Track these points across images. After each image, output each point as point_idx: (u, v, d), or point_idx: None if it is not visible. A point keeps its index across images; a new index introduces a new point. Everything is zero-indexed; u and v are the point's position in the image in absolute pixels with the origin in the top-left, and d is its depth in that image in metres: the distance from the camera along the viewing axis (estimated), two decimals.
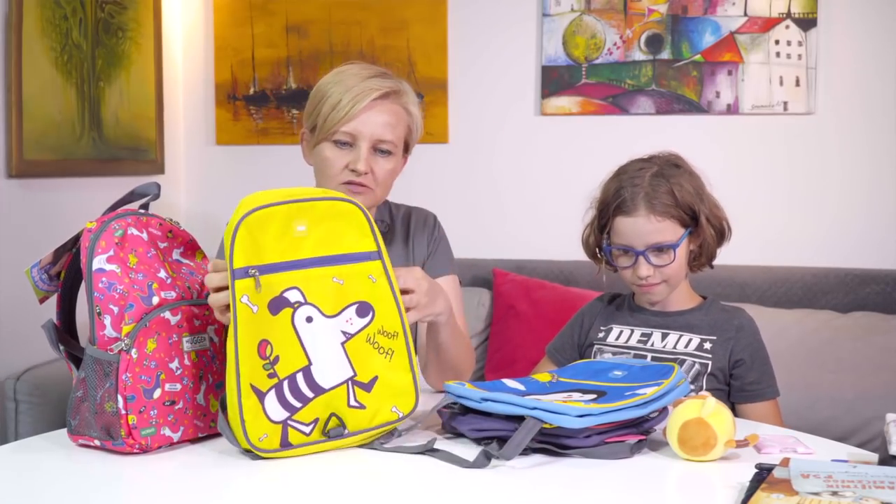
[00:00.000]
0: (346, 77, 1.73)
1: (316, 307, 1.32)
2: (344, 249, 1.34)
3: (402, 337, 1.36)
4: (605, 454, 1.28)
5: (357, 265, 1.35)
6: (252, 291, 1.28)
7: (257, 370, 1.29)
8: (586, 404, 1.29)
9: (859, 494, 1.05)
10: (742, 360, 1.71)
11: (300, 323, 1.31)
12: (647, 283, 1.71)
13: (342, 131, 1.70)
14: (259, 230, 1.30)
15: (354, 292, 1.34)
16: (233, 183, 3.13)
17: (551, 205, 2.92)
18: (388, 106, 1.72)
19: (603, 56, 2.90)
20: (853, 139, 2.79)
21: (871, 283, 2.65)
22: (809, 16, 2.77)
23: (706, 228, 1.71)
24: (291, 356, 1.30)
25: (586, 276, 2.74)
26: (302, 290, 1.31)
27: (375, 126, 1.70)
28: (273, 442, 1.30)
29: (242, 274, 1.29)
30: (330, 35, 3.09)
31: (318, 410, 1.31)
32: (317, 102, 1.75)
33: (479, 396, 1.34)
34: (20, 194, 2.43)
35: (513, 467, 1.25)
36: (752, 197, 2.83)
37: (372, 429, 1.35)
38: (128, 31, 2.83)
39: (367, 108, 1.69)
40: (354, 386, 1.33)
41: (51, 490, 1.20)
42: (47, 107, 2.49)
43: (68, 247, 1.41)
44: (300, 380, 1.30)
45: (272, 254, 1.30)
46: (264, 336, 1.29)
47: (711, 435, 1.26)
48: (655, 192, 1.68)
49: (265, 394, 1.29)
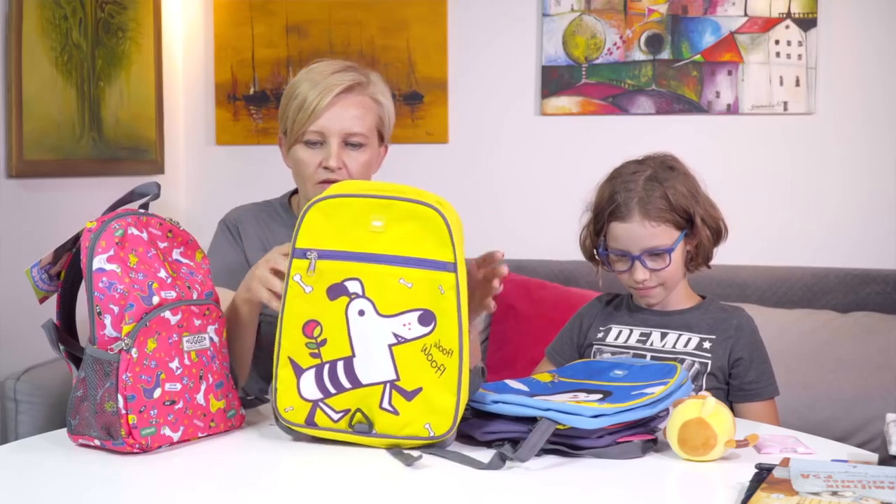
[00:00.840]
0: (311, 76, 1.74)
1: (371, 303, 1.32)
2: (420, 254, 1.31)
3: (456, 356, 1.30)
4: (617, 454, 1.28)
5: (429, 272, 1.31)
6: (304, 272, 1.33)
7: (299, 346, 1.33)
8: (599, 404, 1.29)
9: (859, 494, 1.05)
10: (741, 359, 1.71)
11: (352, 314, 1.32)
12: (644, 287, 1.71)
13: (311, 131, 1.71)
14: (333, 216, 1.33)
15: (420, 299, 1.31)
16: (233, 183, 3.13)
17: (551, 205, 2.92)
18: (354, 98, 1.73)
19: (603, 56, 2.90)
20: (853, 139, 2.79)
21: (871, 283, 2.65)
22: (809, 16, 2.77)
23: (702, 230, 1.71)
24: (338, 343, 1.32)
25: (586, 276, 2.74)
26: (363, 283, 1.32)
27: (342, 120, 1.71)
28: (298, 416, 1.33)
29: (301, 254, 1.34)
30: (330, 35, 3.09)
31: (351, 402, 1.32)
32: (285, 105, 1.76)
33: (490, 398, 1.33)
34: (20, 194, 2.43)
35: (527, 468, 1.25)
36: (752, 197, 2.83)
37: (399, 437, 1.32)
38: (128, 31, 2.83)
39: (331, 103, 1.70)
40: (393, 389, 1.32)
41: (51, 490, 1.20)
42: (47, 107, 2.49)
43: (68, 247, 1.41)
44: (340, 368, 1.33)
45: (340, 241, 1.33)
46: (314, 317, 1.32)
47: (711, 435, 1.26)
48: (649, 196, 1.68)
49: (304, 370, 1.33)
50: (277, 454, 1.35)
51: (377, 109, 1.76)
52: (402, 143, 3.06)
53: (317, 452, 1.35)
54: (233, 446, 1.39)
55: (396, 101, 3.03)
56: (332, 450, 1.35)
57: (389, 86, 1.85)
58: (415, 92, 3.04)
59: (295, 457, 1.34)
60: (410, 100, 3.04)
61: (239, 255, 1.81)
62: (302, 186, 1.82)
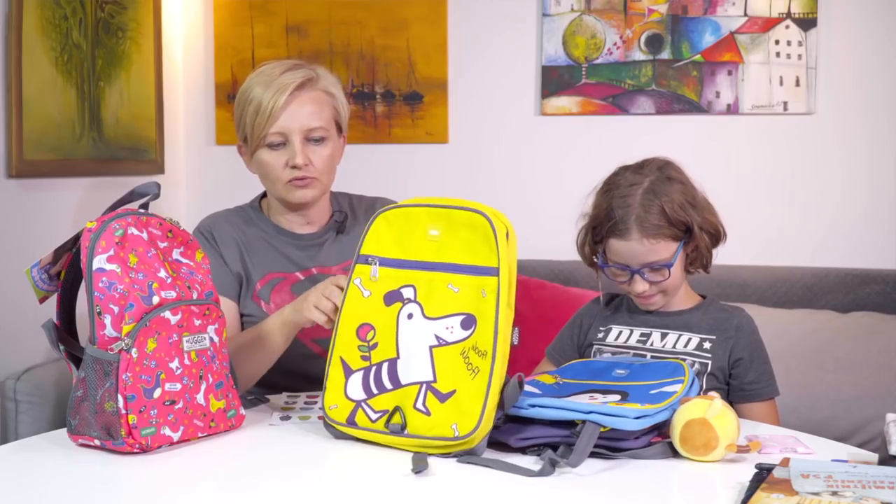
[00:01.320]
0: (260, 79, 1.76)
1: (420, 306, 1.36)
2: (468, 261, 1.35)
3: (489, 357, 1.31)
4: (653, 454, 1.29)
5: (475, 278, 1.34)
6: (366, 277, 1.40)
7: (351, 348, 1.38)
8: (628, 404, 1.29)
9: (859, 494, 1.05)
10: (741, 359, 1.71)
11: (402, 318, 1.37)
12: (644, 297, 1.72)
13: (272, 133, 1.74)
14: (397, 226, 1.39)
15: (465, 303, 1.34)
16: (233, 183, 3.11)
17: (551, 205, 2.92)
18: (308, 94, 1.75)
19: (603, 56, 2.90)
20: (853, 139, 2.79)
21: (871, 283, 2.65)
22: (809, 16, 2.77)
23: (699, 236, 1.70)
24: (387, 346, 1.37)
25: (586, 276, 2.74)
26: (416, 289, 1.37)
27: (301, 117, 1.73)
28: (341, 415, 1.37)
29: (364, 260, 1.42)
30: (330, 35, 3.09)
31: (390, 403, 1.35)
32: (241, 112, 1.78)
33: (527, 402, 1.32)
34: (20, 194, 2.43)
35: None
36: (752, 197, 2.83)
37: (428, 437, 1.31)
38: (128, 31, 2.83)
39: (287, 102, 1.73)
40: (428, 391, 1.33)
41: (51, 490, 1.20)
42: (47, 107, 2.49)
43: (68, 247, 1.41)
44: (385, 370, 1.36)
45: (400, 250, 1.39)
46: (369, 321, 1.38)
47: (713, 437, 1.26)
48: (647, 213, 1.66)
49: (353, 372, 1.37)
50: (278, 454, 1.35)
51: (331, 102, 1.79)
52: (402, 143, 3.06)
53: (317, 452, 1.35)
54: (233, 446, 1.39)
55: (396, 101, 3.04)
56: (332, 449, 1.35)
57: (339, 78, 1.89)
58: (415, 92, 3.04)
59: (296, 457, 1.34)
60: (410, 100, 3.04)
61: (216, 258, 1.81)
62: (271, 189, 1.83)
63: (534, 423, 1.31)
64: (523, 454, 1.30)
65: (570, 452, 1.24)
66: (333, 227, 1.88)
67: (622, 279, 1.72)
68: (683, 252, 1.71)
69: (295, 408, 1.57)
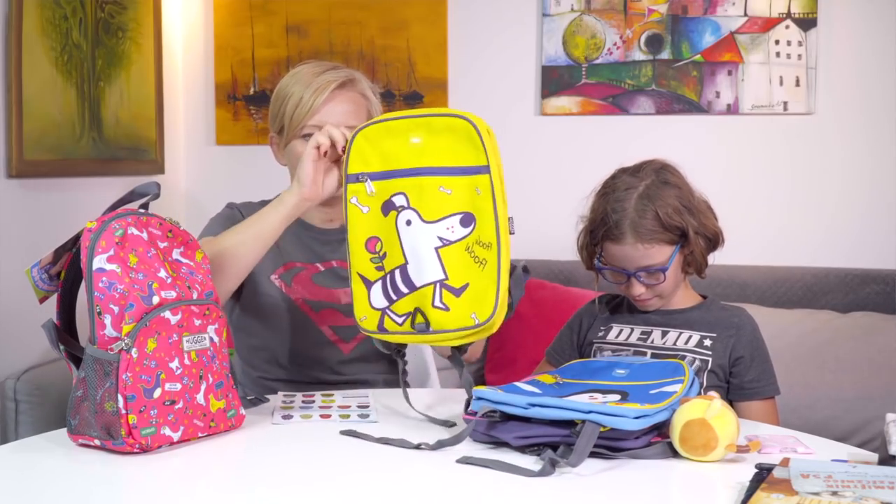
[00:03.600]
0: (302, 76, 1.81)
1: (416, 212, 1.43)
2: (455, 162, 1.42)
3: (495, 248, 1.40)
4: (652, 454, 1.28)
5: (465, 178, 1.42)
6: (363, 194, 1.47)
7: (365, 262, 1.46)
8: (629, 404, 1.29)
9: (859, 494, 1.05)
10: (742, 357, 1.71)
11: (401, 225, 1.44)
12: (641, 299, 1.72)
13: (309, 125, 1.77)
14: (376, 140, 1.47)
15: (460, 203, 1.42)
16: (233, 183, 3.12)
17: (551, 205, 2.91)
18: (347, 94, 1.80)
19: (603, 56, 2.90)
20: (853, 139, 2.79)
21: (871, 283, 2.65)
22: (809, 16, 2.77)
23: (695, 241, 1.70)
24: (394, 254, 1.44)
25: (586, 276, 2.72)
26: (407, 196, 1.44)
27: (338, 115, 1.77)
28: (371, 324, 1.46)
29: (354, 179, 1.48)
30: (330, 35, 3.09)
31: (410, 305, 1.43)
32: (280, 104, 1.81)
33: (526, 402, 1.32)
34: (20, 194, 2.43)
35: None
36: (753, 197, 2.83)
37: (452, 330, 1.40)
38: (128, 31, 2.83)
39: (327, 99, 1.77)
40: (443, 289, 1.41)
41: (51, 490, 1.20)
42: (47, 107, 2.49)
43: (68, 246, 1.41)
44: (398, 276, 1.44)
45: (385, 162, 1.45)
46: (374, 234, 1.46)
47: (712, 437, 1.26)
48: (641, 218, 1.67)
49: (373, 283, 1.46)
50: (278, 454, 1.35)
51: (367, 105, 1.83)
52: None
53: (318, 452, 1.35)
54: (233, 446, 1.39)
55: (397, 101, 3.04)
56: (334, 451, 1.35)
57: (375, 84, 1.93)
58: (415, 92, 3.04)
59: (296, 457, 1.34)
60: (410, 100, 3.04)
61: None
62: None
63: (533, 423, 1.31)
64: (523, 454, 1.30)
65: (570, 452, 1.24)
66: None
67: (619, 281, 1.73)
68: (680, 255, 1.71)
69: (295, 407, 1.57)
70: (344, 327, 1.83)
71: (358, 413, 1.52)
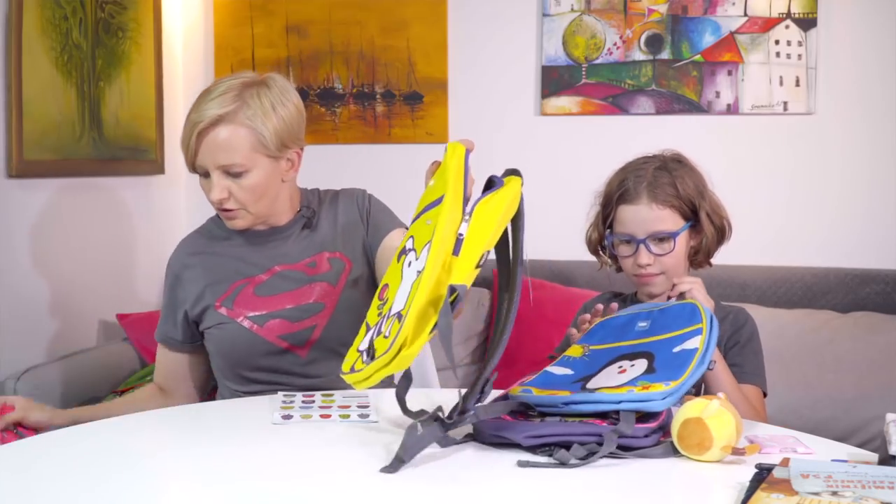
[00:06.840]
0: (195, 103, 1.77)
1: (414, 251, 1.35)
2: (436, 195, 1.35)
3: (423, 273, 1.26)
4: (661, 454, 1.28)
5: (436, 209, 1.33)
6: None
7: (374, 310, 1.36)
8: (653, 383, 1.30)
9: (859, 494, 1.05)
10: (738, 343, 1.74)
11: (405, 268, 1.36)
12: (647, 273, 1.72)
13: (196, 165, 1.76)
14: None
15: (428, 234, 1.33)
16: None
17: (551, 205, 2.92)
18: (219, 131, 1.72)
19: (603, 56, 2.90)
20: (853, 139, 2.79)
21: (871, 283, 2.66)
22: (809, 16, 2.77)
23: (706, 225, 1.73)
24: (394, 299, 1.33)
25: (586, 276, 2.75)
26: (414, 238, 1.36)
27: (213, 155, 1.73)
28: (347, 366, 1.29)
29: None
30: (330, 35, 3.09)
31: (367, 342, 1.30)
32: None
33: (561, 400, 1.32)
34: (20, 194, 2.43)
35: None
36: (753, 197, 2.83)
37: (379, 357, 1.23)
38: (128, 31, 2.83)
39: (198, 141, 1.73)
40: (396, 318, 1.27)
41: (51, 490, 1.20)
42: (47, 107, 2.49)
43: None
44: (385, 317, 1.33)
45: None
46: (387, 281, 1.37)
47: (707, 437, 1.26)
48: (657, 181, 1.72)
49: (371, 328, 1.33)
50: (278, 454, 1.35)
51: (250, 135, 1.73)
52: (402, 143, 3.06)
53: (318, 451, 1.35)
54: (233, 446, 1.39)
55: (396, 100, 3.04)
56: (333, 449, 1.35)
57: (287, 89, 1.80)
58: (415, 92, 3.04)
59: (296, 457, 1.34)
60: (410, 100, 3.04)
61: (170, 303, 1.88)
62: None
63: (545, 421, 1.31)
64: (534, 454, 1.30)
65: (581, 451, 1.25)
66: (300, 222, 1.88)
67: (627, 252, 1.74)
68: (689, 239, 1.73)
69: (295, 407, 1.57)
70: (292, 334, 1.79)
71: (358, 413, 1.52)
